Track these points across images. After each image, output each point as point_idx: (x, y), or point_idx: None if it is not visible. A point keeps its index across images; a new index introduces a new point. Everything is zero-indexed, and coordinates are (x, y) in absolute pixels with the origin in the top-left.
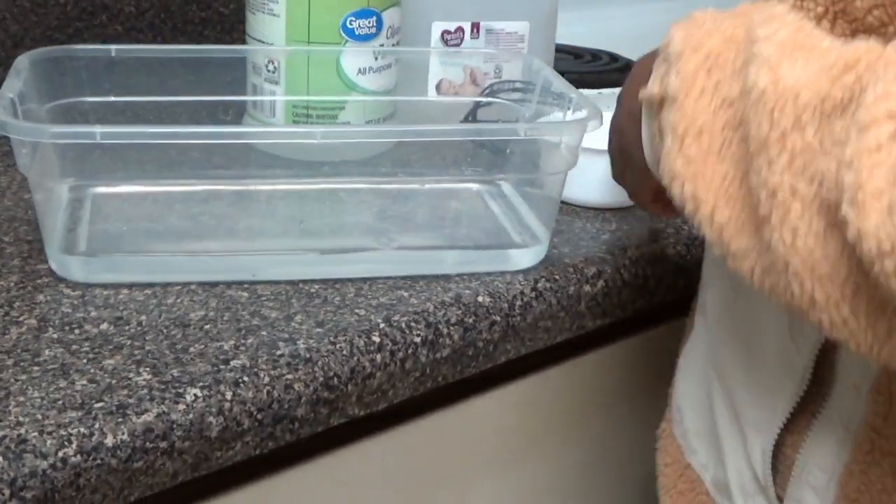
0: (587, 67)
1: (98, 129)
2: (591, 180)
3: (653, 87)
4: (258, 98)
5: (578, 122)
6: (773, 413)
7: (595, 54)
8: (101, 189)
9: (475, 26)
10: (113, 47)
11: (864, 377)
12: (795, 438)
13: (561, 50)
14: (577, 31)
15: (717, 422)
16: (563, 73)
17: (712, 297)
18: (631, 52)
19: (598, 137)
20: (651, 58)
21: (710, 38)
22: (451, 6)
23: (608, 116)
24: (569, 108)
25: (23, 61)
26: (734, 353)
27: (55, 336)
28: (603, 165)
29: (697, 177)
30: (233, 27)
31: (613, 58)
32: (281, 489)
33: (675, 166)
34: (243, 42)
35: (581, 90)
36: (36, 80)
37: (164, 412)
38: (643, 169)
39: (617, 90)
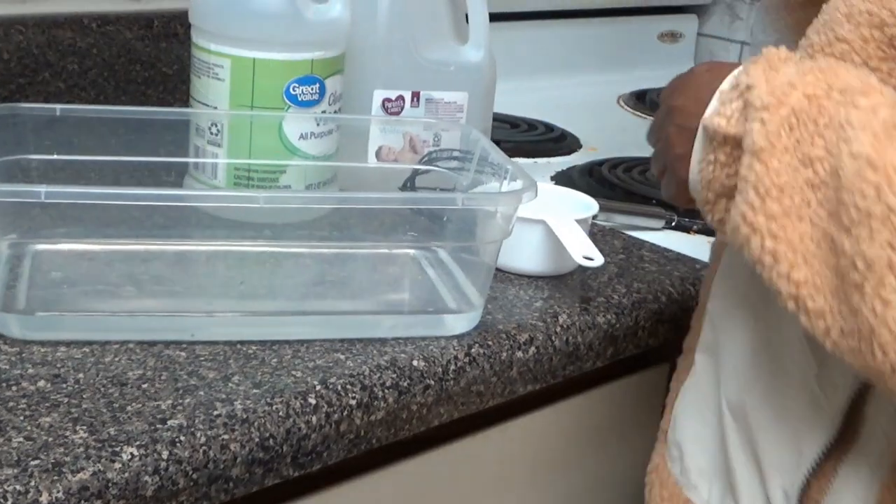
0: (523, 136)
1: (43, 189)
2: (526, 249)
3: (722, 122)
4: (200, 160)
5: (514, 193)
6: (798, 456)
7: (531, 123)
8: (42, 246)
9: (415, 95)
10: (57, 106)
11: (893, 423)
12: (822, 482)
13: (498, 119)
14: (515, 101)
15: (732, 461)
16: (500, 142)
17: (728, 339)
18: (566, 121)
19: (534, 207)
20: (713, 73)
21: (793, 92)
22: (392, 75)
23: (542, 186)
24: (505, 179)
25: None
26: (757, 395)
27: None
28: (537, 234)
29: (778, 234)
30: (175, 87)
31: (549, 127)
32: None
33: (756, 221)
34: (185, 102)
35: (517, 158)
36: None
37: (99, 471)
38: (682, 182)
39: (552, 160)
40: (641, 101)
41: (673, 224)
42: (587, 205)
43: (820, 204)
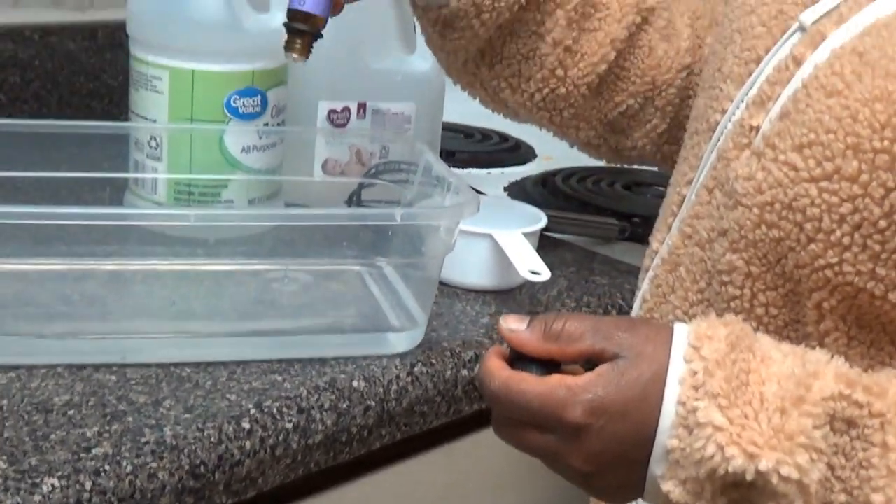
0: (477, 146)
1: None
2: (473, 263)
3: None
4: (140, 175)
5: (455, 207)
6: None
7: (485, 133)
8: None
9: (361, 107)
10: None
11: None
12: None
13: (451, 129)
14: (468, 110)
15: None
16: (453, 153)
17: None
18: (520, 130)
19: (481, 220)
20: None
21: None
22: (337, 86)
23: (491, 199)
24: (448, 192)
25: None
26: None
27: None
28: (484, 247)
29: None
30: (121, 99)
31: (503, 137)
32: None
33: None
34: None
35: (471, 169)
36: None
37: (18, 503)
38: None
39: (506, 170)
40: None
41: (627, 234)
42: (535, 217)
43: None
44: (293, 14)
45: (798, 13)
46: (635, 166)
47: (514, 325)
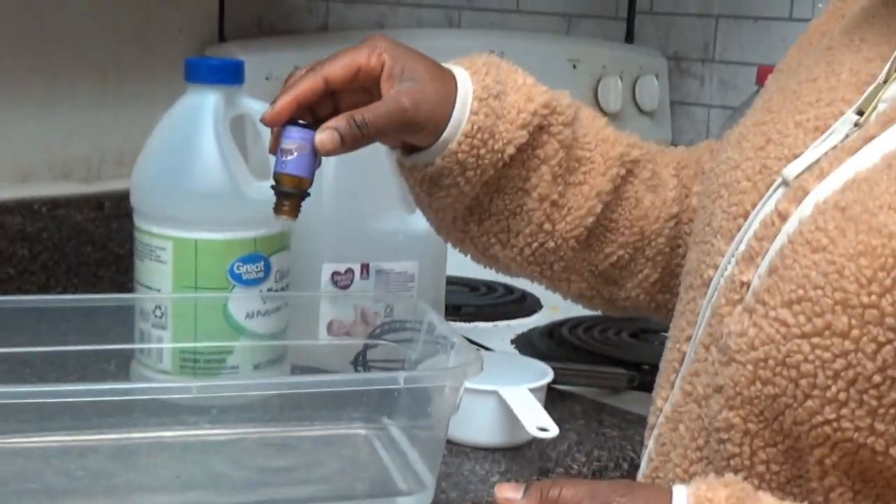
0: (483, 300)
1: None
2: (480, 421)
3: None
4: (145, 346)
5: (458, 368)
6: None
7: (490, 286)
8: None
9: (364, 267)
10: None
11: None
12: None
13: (456, 283)
14: (471, 264)
15: None
16: (459, 307)
17: None
18: (524, 282)
19: (487, 376)
20: None
21: None
22: (340, 249)
23: (497, 354)
24: (452, 351)
25: None
26: None
27: None
28: (490, 405)
29: None
30: (128, 268)
31: (508, 289)
32: None
33: None
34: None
35: (478, 323)
36: None
37: None
38: None
39: (512, 322)
40: None
41: (636, 384)
42: (542, 371)
43: None
44: (278, 177)
45: (781, 168)
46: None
47: (509, 493)
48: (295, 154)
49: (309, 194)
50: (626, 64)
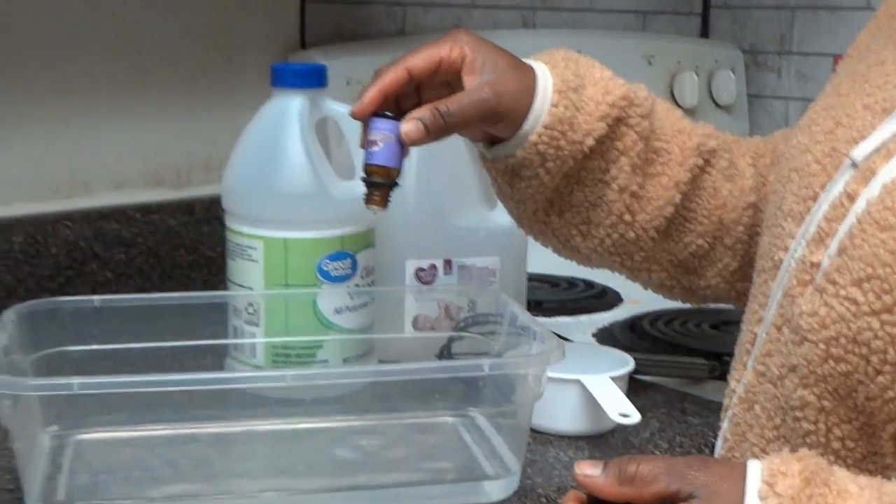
0: (564, 295)
1: (76, 381)
2: (563, 409)
3: None
4: (239, 341)
5: (540, 355)
6: None
7: (570, 281)
8: (83, 436)
9: (447, 263)
10: (96, 298)
11: None
12: None
13: (537, 279)
14: (553, 260)
15: None
16: (540, 302)
17: None
18: (604, 277)
19: (570, 366)
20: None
21: None
22: (423, 245)
23: (578, 345)
24: (534, 340)
25: (9, 315)
26: None
27: None
28: (573, 393)
29: None
30: (219, 269)
31: (588, 284)
32: None
33: None
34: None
35: (559, 317)
36: (21, 333)
37: None
38: None
39: (593, 316)
40: None
41: (717, 374)
42: (623, 361)
43: None
44: (368, 168)
45: (849, 150)
46: (722, 305)
47: (588, 470)
48: (381, 145)
49: (398, 184)
50: (702, 58)
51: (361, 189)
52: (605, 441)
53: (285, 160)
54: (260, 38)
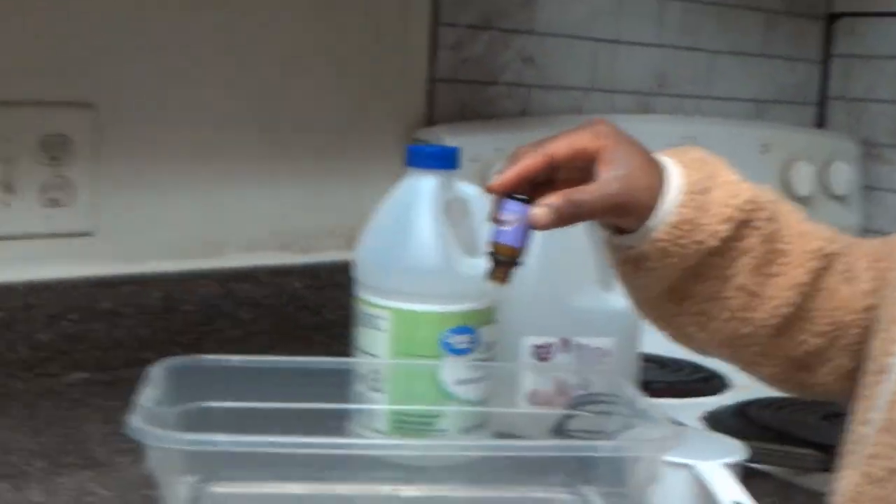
0: (672, 377)
1: (219, 438)
2: (675, 494)
3: None
4: (363, 407)
5: (658, 440)
6: None
7: (678, 364)
8: (219, 489)
9: (564, 341)
10: (235, 358)
11: None
12: None
13: (647, 359)
14: (661, 341)
15: None
16: (650, 382)
17: None
18: (713, 361)
19: (681, 451)
20: None
21: None
22: (541, 323)
23: (689, 430)
24: (651, 424)
25: (156, 370)
26: None
27: None
28: (685, 480)
29: None
30: (339, 332)
31: (696, 367)
32: None
33: None
34: (347, 346)
35: (666, 399)
36: (166, 387)
37: None
38: None
39: (700, 400)
40: None
41: (827, 467)
42: (736, 448)
43: None
44: (496, 246)
45: None
46: None
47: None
48: (511, 226)
49: (521, 264)
50: (817, 149)
51: (485, 264)
52: None
53: (417, 237)
54: (388, 116)
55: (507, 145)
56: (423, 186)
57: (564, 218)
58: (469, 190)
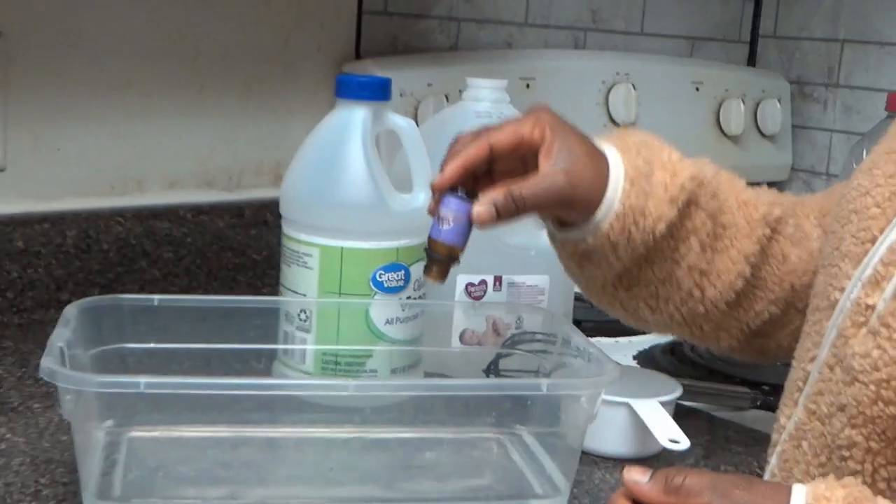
0: (605, 316)
1: (142, 380)
2: (610, 432)
3: None
4: (289, 346)
5: (598, 378)
6: None
7: None
8: (137, 433)
9: (497, 279)
10: (156, 297)
11: None
12: None
13: (578, 298)
14: None
15: None
16: (581, 321)
17: None
18: None
19: (617, 389)
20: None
21: None
22: (474, 261)
23: (625, 368)
24: (588, 362)
25: (71, 310)
26: None
27: None
28: (622, 417)
29: None
30: (264, 273)
31: None
32: None
33: None
34: (273, 287)
35: (599, 338)
36: (82, 328)
37: None
38: None
39: (633, 339)
40: None
41: (759, 404)
42: (671, 386)
43: None
44: (434, 244)
45: None
46: None
47: (637, 476)
48: (451, 224)
49: (458, 261)
50: (749, 87)
51: (420, 203)
52: (650, 465)
53: (346, 171)
54: (316, 48)
55: (438, 79)
56: (354, 118)
57: (506, 214)
58: (401, 122)
